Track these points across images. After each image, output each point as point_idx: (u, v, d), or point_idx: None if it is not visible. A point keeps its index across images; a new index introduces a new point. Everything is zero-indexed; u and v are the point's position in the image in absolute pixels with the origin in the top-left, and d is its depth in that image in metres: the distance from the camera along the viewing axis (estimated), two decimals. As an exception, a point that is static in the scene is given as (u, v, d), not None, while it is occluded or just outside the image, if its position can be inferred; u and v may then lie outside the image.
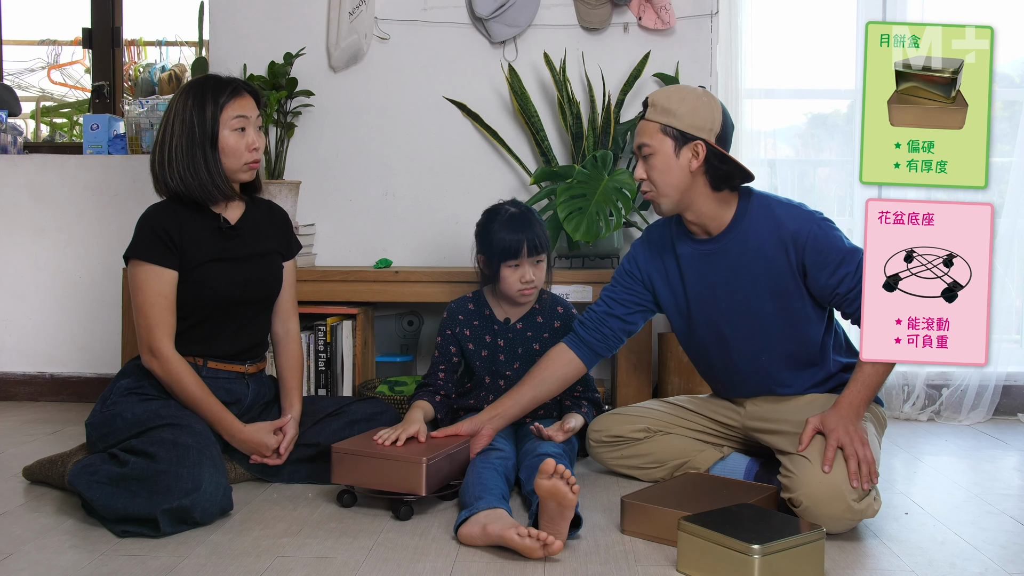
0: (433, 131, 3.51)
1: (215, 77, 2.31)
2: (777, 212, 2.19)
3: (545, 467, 1.81)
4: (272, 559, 1.82)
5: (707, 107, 2.17)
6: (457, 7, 3.48)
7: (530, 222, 2.48)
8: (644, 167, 2.21)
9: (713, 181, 2.18)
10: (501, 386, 2.52)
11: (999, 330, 3.29)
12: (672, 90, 2.21)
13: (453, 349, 2.57)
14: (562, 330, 2.57)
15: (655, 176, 2.18)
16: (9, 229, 3.65)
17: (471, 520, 1.90)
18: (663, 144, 2.16)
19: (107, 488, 1.99)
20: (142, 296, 2.22)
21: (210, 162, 2.25)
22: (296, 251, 2.51)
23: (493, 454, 2.21)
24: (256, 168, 2.34)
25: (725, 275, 2.23)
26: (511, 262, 2.45)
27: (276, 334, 2.48)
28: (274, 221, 2.46)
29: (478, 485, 2.03)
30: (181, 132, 2.24)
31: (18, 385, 3.63)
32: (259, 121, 2.33)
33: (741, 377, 2.30)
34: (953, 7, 3.32)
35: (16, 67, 4.86)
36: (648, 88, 3.45)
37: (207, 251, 2.28)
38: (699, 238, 2.27)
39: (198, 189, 2.26)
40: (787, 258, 2.16)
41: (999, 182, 3.30)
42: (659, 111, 2.17)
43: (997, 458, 2.81)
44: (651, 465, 2.39)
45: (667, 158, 2.16)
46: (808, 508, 1.96)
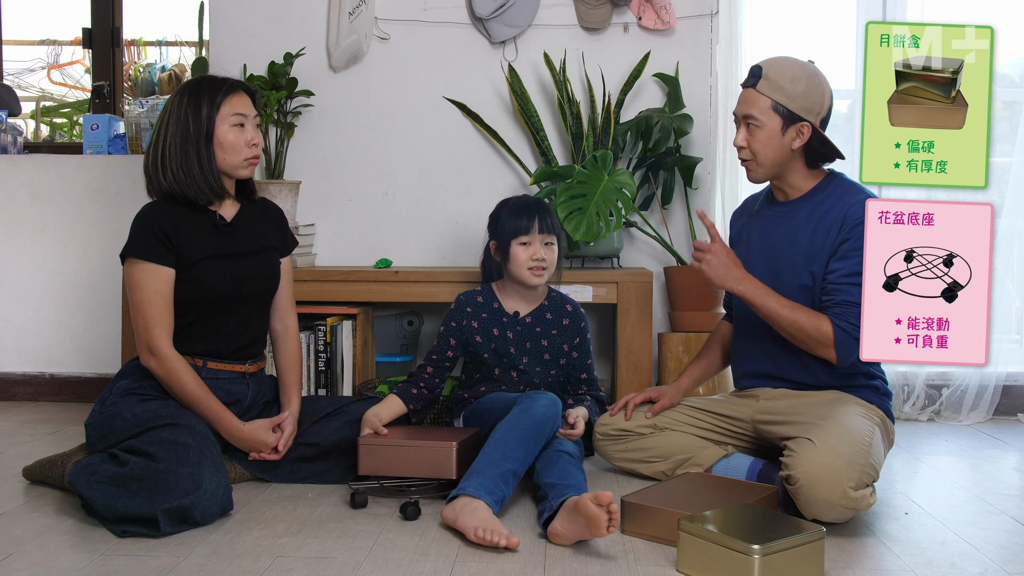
0: (433, 131, 3.51)
1: (211, 77, 2.31)
2: (847, 197, 2.23)
3: (603, 497, 1.83)
4: (272, 559, 1.82)
5: (819, 90, 2.22)
6: (457, 7, 3.48)
7: (541, 206, 2.55)
8: (746, 135, 2.24)
9: (809, 159, 2.27)
10: (514, 377, 2.53)
11: (999, 330, 3.28)
12: (786, 65, 2.23)
13: (453, 342, 2.56)
14: (570, 328, 2.57)
15: (756, 147, 2.23)
16: (9, 229, 3.65)
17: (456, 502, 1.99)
18: (771, 120, 2.21)
19: (107, 488, 1.99)
20: (139, 295, 2.22)
21: (203, 159, 2.24)
22: (292, 247, 2.51)
23: (537, 403, 2.24)
24: (255, 164, 2.33)
25: (783, 238, 2.28)
26: (522, 238, 2.48)
27: (275, 331, 2.48)
28: (269, 218, 2.45)
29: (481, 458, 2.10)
30: (175, 131, 2.24)
31: (18, 385, 3.63)
32: (257, 120, 2.33)
33: (770, 353, 2.31)
34: (953, 7, 3.32)
35: (16, 67, 4.86)
36: (648, 88, 3.45)
37: (204, 248, 2.28)
38: (776, 201, 2.35)
39: (190, 187, 2.25)
40: (835, 237, 2.20)
41: (999, 182, 3.30)
42: (772, 86, 2.20)
43: (997, 458, 2.81)
44: (654, 459, 2.40)
45: (772, 134, 2.21)
46: (803, 487, 1.96)
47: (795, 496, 1.99)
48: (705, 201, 3.40)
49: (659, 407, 2.43)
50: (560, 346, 2.56)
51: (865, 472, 1.98)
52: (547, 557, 1.83)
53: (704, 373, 2.54)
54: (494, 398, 2.45)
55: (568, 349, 2.58)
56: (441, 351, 2.56)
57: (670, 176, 3.37)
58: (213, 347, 2.31)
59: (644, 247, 3.49)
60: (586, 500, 1.83)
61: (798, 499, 1.99)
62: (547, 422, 2.18)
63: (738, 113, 2.27)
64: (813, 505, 1.97)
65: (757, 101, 2.22)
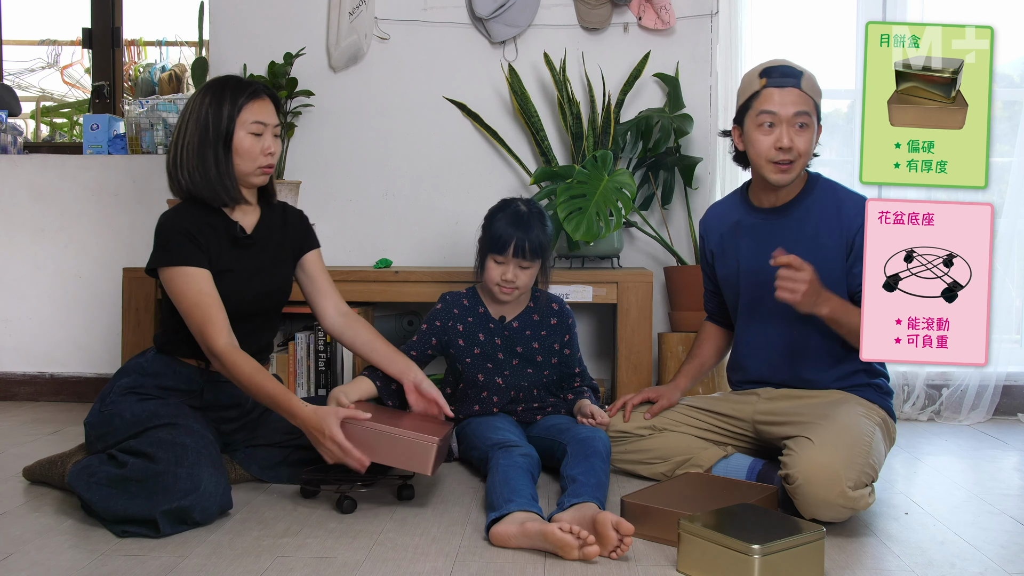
0: (433, 131, 3.51)
1: (236, 78, 2.27)
2: (839, 194, 2.27)
3: (624, 527, 1.83)
4: (272, 559, 1.82)
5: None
6: (457, 7, 3.48)
7: (531, 225, 2.45)
8: (793, 134, 2.20)
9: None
10: (499, 384, 2.52)
11: (999, 330, 3.29)
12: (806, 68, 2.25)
13: (434, 341, 2.55)
14: (559, 328, 2.57)
15: (803, 147, 2.22)
16: (9, 229, 3.65)
17: (507, 519, 1.90)
18: (814, 121, 2.23)
19: (106, 490, 1.99)
20: (185, 301, 2.15)
21: (220, 162, 2.20)
22: (315, 244, 2.44)
23: (516, 452, 2.19)
24: (270, 173, 2.29)
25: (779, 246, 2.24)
26: (498, 256, 2.45)
27: (335, 322, 2.40)
28: (289, 226, 2.41)
29: (506, 486, 2.02)
30: (195, 130, 2.20)
31: (18, 385, 3.63)
32: (278, 129, 2.28)
33: (772, 356, 2.32)
34: (953, 7, 3.32)
35: (16, 67, 4.87)
36: (648, 88, 3.45)
37: (222, 260, 2.24)
38: (761, 208, 2.33)
39: (206, 189, 2.21)
40: (841, 240, 2.22)
41: (999, 182, 3.30)
42: (811, 86, 2.23)
43: (997, 458, 2.81)
44: (654, 460, 2.40)
45: (815, 134, 2.25)
46: (802, 486, 1.96)
47: (793, 495, 1.99)
48: (705, 201, 3.39)
49: (658, 408, 2.43)
50: (551, 346, 2.56)
51: (864, 472, 1.98)
52: (547, 556, 1.83)
53: (700, 371, 2.55)
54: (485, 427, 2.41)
55: (559, 348, 2.57)
56: (420, 348, 2.55)
57: (670, 176, 3.37)
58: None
59: (644, 247, 3.49)
60: (607, 519, 1.82)
61: (796, 498, 1.99)
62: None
63: (782, 113, 2.18)
64: (811, 504, 1.97)
65: (805, 101, 2.20)
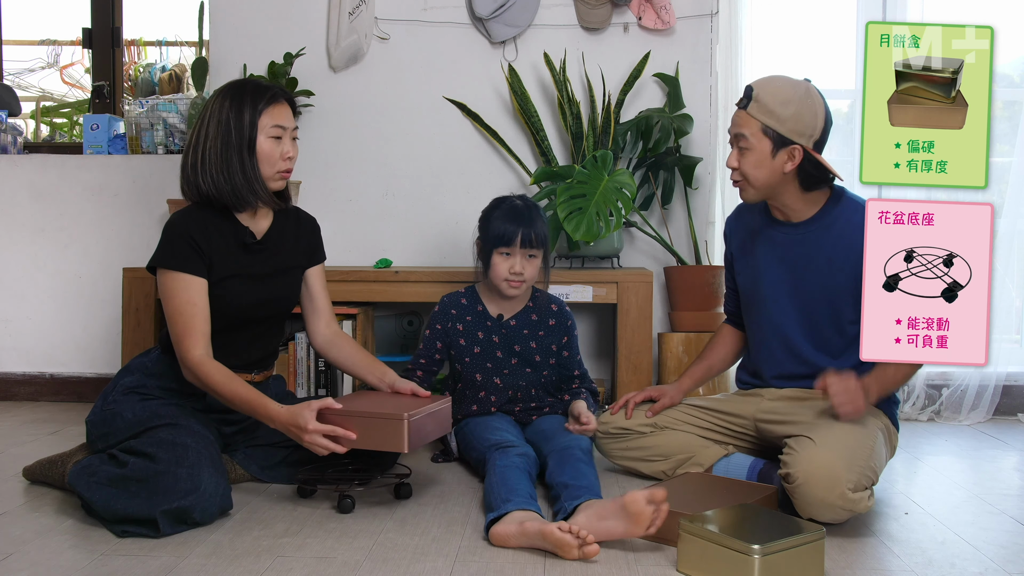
0: (433, 131, 3.51)
1: (254, 81, 2.28)
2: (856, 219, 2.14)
3: (657, 495, 1.84)
4: (272, 559, 1.82)
5: (811, 112, 2.16)
6: (457, 7, 3.48)
7: (531, 217, 2.48)
8: (737, 156, 2.21)
9: (804, 182, 2.21)
10: (497, 384, 2.52)
11: (999, 330, 3.29)
12: (777, 87, 2.17)
13: (439, 345, 2.57)
14: (557, 329, 2.57)
15: (747, 169, 2.20)
16: (9, 229, 3.65)
17: (506, 519, 1.90)
18: (760, 143, 2.17)
19: (106, 489, 1.99)
20: (172, 305, 2.16)
21: (247, 167, 2.20)
22: (322, 258, 2.46)
23: (513, 452, 2.19)
24: (287, 177, 2.30)
25: (794, 263, 2.26)
26: (503, 249, 2.46)
27: (323, 338, 2.43)
28: (300, 232, 2.41)
29: (503, 486, 2.02)
30: (216, 135, 2.19)
31: (18, 385, 3.63)
32: (296, 132, 2.29)
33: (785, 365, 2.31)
34: (953, 7, 3.32)
35: (16, 67, 4.86)
36: (648, 88, 3.45)
37: (230, 266, 2.24)
38: (779, 220, 2.31)
39: (230, 194, 2.21)
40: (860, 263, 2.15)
41: (999, 182, 3.30)
42: (762, 109, 2.16)
43: (997, 458, 2.81)
44: (655, 458, 2.40)
45: (762, 156, 2.17)
46: (801, 486, 1.96)
47: (792, 495, 1.99)
48: (705, 201, 3.40)
49: (660, 406, 2.43)
50: (549, 347, 2.56)
51: (864, 475, 1.98)
52: (547, 557, 1.83)
53: (706, 374, 2.53)
54: (483, 428, 2.42)
55: (558, 349, 2.58)
56: (428, 355, 2.57)
57: (670, 176, 3.37)
58: (224, 360, 2.27)
59: (644, 247, 3.49)
60: (635, 497, 1.82)
61: (795, 498, 1.99)
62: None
63: (730, 133, 2.24)
64: (810, 504, 1.97)
65: (747, 123, 2.18)
